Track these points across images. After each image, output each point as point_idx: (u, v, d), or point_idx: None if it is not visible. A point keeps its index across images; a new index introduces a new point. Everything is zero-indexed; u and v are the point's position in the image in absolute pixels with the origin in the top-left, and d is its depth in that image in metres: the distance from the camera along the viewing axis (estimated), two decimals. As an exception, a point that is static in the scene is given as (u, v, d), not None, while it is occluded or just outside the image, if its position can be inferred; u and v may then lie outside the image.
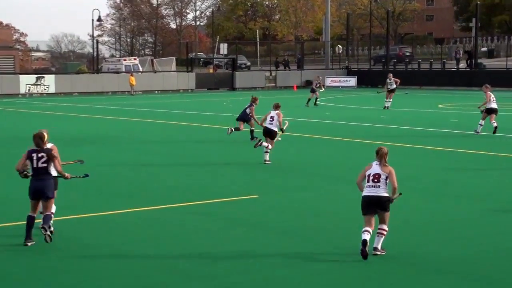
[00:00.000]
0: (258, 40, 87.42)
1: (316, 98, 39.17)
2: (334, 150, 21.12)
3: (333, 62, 69.04)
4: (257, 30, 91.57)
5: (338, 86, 61.78)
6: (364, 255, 9.37)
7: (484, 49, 78.33)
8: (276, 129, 18.20)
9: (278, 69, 68.80)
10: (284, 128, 18.65)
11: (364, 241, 9.37)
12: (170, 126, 28.96)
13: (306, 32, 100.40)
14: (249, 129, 22.69)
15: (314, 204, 13.25)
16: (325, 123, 29.89)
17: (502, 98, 41.92)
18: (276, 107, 18.55)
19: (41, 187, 10.32)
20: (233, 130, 22.66)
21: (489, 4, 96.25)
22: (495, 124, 23.98)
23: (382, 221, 9.76)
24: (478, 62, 60.57)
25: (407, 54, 71.67)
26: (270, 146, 17.94)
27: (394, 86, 35.58)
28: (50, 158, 10.36)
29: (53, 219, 10.52)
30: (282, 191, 14.49)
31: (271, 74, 64.78)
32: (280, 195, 13.96)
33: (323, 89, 42.65)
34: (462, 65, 63.77)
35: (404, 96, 48.28)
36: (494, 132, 23.88)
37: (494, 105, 24.38)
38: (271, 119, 18.20)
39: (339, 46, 73.30)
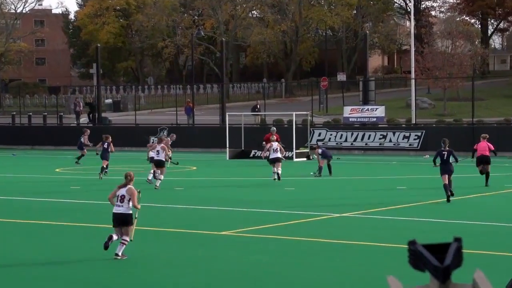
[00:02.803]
0: None
1: (82, 155, 41.61)
2: None
3: None
4: None
5: None
6: (106, 246, 14.67)
7: (109, 101, 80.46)
8: (163, 159, 28.75)
9: None
10: (170, 155, 29.95)
11: (110, 236, 14.68)
12: None
13: None
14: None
15: None
16: None
17: (131, 160, 44.01)
18: (160, 141, 29.69)
19: None
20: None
21: (111, 48, 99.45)
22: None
23: (125, 233, 14.93)
24: (102, 116, 61.22)
25: None
26: (162, 177, 28.13)
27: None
28: None
29: None
30: None
31: None
32: None
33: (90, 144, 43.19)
34: (84, 119, 63.80)
35: (12, 157, 47.78)
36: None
37: (276, 154, 30.83)
38: (158, 152, 28.73)
39: None
